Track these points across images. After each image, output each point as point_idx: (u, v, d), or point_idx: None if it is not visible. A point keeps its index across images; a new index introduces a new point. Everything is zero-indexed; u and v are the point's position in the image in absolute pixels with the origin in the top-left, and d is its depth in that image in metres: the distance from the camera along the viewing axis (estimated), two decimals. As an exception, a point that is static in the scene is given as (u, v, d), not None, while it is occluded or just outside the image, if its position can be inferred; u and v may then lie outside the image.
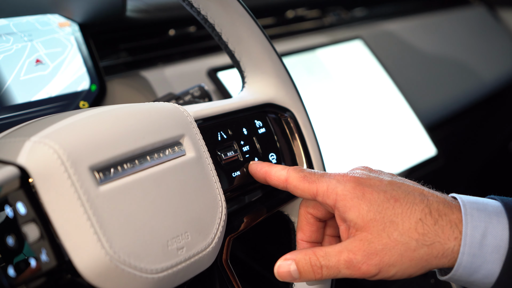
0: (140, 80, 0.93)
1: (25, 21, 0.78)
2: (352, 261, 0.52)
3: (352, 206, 0.53)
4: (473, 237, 0.52)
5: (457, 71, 1.54)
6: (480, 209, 0.53)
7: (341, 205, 0.53)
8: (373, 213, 0.52)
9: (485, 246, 0.52)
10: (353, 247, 0.52)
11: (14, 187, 0.45)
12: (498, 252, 0.51)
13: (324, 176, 0.55)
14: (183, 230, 0.51)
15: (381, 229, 0.52)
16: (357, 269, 0.52)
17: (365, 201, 0.52)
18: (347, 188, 0.53)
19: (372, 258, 0.52)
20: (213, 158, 0.58)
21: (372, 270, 0.52)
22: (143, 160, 0.50)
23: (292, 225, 0.66)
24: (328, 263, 0.53)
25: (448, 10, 1.70)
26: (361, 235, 0.52)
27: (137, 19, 1.00)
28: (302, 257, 0.54)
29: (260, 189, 0.65)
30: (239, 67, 0.67)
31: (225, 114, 0.62)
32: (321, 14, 1.38)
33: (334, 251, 0.53)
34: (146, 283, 0.48)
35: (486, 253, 0.51)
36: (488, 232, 0.52)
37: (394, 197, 0.53)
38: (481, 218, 0.52)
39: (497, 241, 0.51)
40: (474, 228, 0.52)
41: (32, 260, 0.44)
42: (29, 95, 0.75)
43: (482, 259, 0.52)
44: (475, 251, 0.52)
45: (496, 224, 0.52)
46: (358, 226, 0.52)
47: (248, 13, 0.64)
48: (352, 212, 0.53)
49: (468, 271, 0.52)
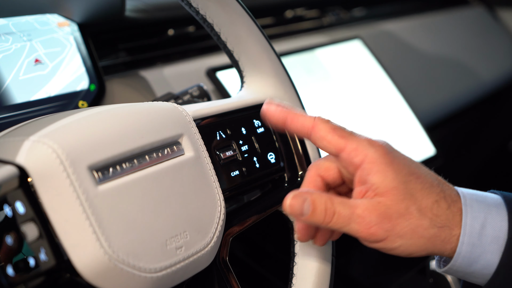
0: (139, 80, 0.93)
1: (24, 21, 0.78)
2: (365, 218, 0.51)
3: (379, 170, 0.52)
4: (473, 227, 0.52)
5: (456, 71, 1.54)
6: (480, 200, 0.53)
7: (368, 167, 0.52)
8: (397, 182, 0.52)
9: (484, 236, 0.52)
10: (369, 206, 0.51)
11: (13, 187, 0.45)
12: (497, 243, 0.52)
13: (354, 134, 0.54)
14: (182, 229, 0.51)
15: (401, 199, 0.51)
16: (367, 228, 0.51)
17: (392, 168, 0.52)
18: (378, 152, 0.53)
19: (385, 222, 0.51)
20: (211, 158, 0.58)
21: (381, 234, 0.51)
22: (142, 160, 0.51)
23: (291, 224, 0.66)
24: (342, 211, 0.51)
25: (447, 10, 1.70)
26: (379, 199, 0.52)
27: (136, 19, 1.00)
28: (318, 197, 0.52)
29: (259, 189, 0.65)
30: (237, 67, 0.67)
31: (224, 113, 0.62)
32: (320, 14, 1.38)
33: (350, 203, 0.52)
34: (145, 282, 0.48)
35: (485, 243, 0.52)
36: (488, 223, 0.52)
37: (417, 173, 0.53)
38: (480, 209, 0.53)
39: (496, 231, 0.52)
40: (474, 218, 0.52)
41: (31, 259, 0.44)
42: (28, 94, 0.75)
43: (481, 249, 0.52)
44: (474, 241, 0.52)
45: (495, 215, 0.53)
46: (379, 191, 0.52)
47: (247, 13, 0.64)
48: (377, 176, 0.52)
49: (467, 261, 0.53)
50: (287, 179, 0.66)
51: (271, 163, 0.64)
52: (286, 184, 0.66)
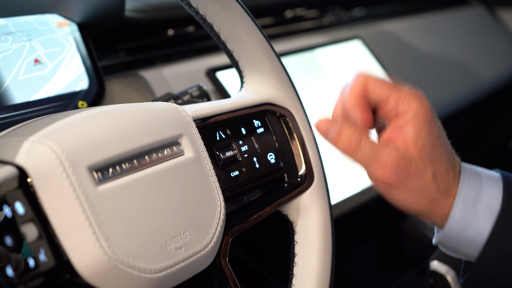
0: (139, 80, 0.93)
1: (24, 21, 0.78)
2: (387, 167, 0.54)
3: (418, 124, 0.54)
4: (468, 194, 0.55)
5: (456, 71, 1.54)
6: (479, 172, 0.57)
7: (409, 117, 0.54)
8: (428, 141, 0.54)
9: (478, 204, 0.54)
10: (394, 157, 0.54)
11: (12, 187, 0.45)
12: (490, 212, 0.54)
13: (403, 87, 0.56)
14: (182, 229, 0.51)
15: (423, 158, 0.54)
16: (383, 174, 0.54)
17: (429, 127, 0.55)
18: (423, 107, 0.55)
19: (401, 175, 0.54)
20: (211, 158, 0.58)
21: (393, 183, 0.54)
22: (142, 160, 0.50)
23: (291, 224, 0.66)
24: (366, 150, 0.54)
25: (447, 10, 1.70)
26: (406, 151, 0.54)
27: (136, 19, 1.00)
28: (347, 128, 0.55)
29: (259, 189, 0.65)
30: (237, 67, 0.67)
31: (223, 113, 0.62)
32: (320, 14, 1.38)
33: (377, 148, 0.54)
34: (144, 283, 0.48)
35: (479, 210, 0.54)
36: (483, 192, 0.55)
37: (442, 139, 0.56)
38: (478, 179, 0.56)
39: (491, 201, 0.54)
40: (470, 185, 0.55)
41: (30, 260, 0.44)
42: (28, 95, 0.75)
43: (474, 215, 0.54)
44: (468, 207, 0.54)
45: (491, 186, 0.55)
46: (410, 144, 0.54)
47: (247, 13, 0.64)
48: (414, 130, 0.54)
49: (460, 227, 0.55)
50: (287, 179, 0.66)
51: (271, 163, 0.64)
52: (286, 184, 0.66)
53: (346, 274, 1.16)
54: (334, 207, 0.93)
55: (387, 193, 0.56)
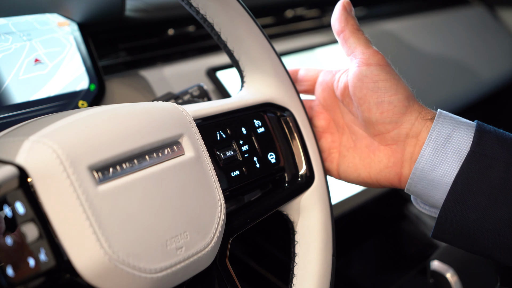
0: (139, 80, 0.93)
1: (24, 21, 0.78)
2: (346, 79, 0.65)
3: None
4: (439, 134, 0.57)
5: (456, 71, 1.54)
6: (454, 118, 0.59)
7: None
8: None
9: (448, 144, 0.57)
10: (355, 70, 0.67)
11: (12, 187, 0.45)
12: (459, 153, 0.56)
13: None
14: (182, 229, 0.51)
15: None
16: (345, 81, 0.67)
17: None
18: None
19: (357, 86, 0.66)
20: (212, 158, 0.58)
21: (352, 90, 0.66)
22: (142, 160, 0.50)
23: (292, 224, 0.66)
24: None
25: (447, 10, 1.70)
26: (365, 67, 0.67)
27: (136, 19, 1.00)
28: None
29: (259, 189, 0.65)
30: (238, 67, 0.67)
31: (224, 113, 0.62)
32: (321, 13, 1.38)
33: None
34: (145, 283, 0.48)
35: (448, 151, 0.57)
36: (454, 135, 0.57)
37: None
38: (451, 122, 0.58)
39: (461, 143, 0.57)
40: (443, 127, 0.58)
41: (31, 260, 0.44)
42: (28, 94, 0.75)
43: (444, 155, 0.57)
44: (438, 146, 0.57)
45: (464, 129, 0.58)
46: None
47: (247, 12, 0.64)
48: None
49: (430, 166, 0.57)
50: (287, 179, 0.66)
51: (271, 163, 0.64)
52: (287, 184, 0.66)
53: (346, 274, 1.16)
54: (334, 207, 0.93)
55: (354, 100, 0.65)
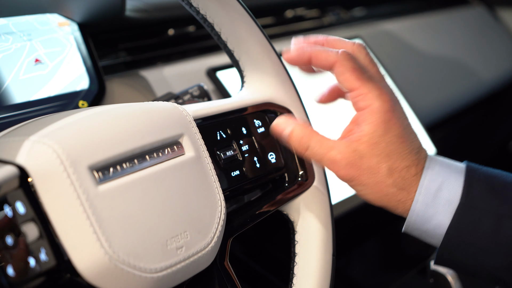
0: (139, 80, 0.93)
1: (24, 21, 0.78)
2: (336, 162, 0.57)
3: (373, 122, 0.56)
4: (429, 188, 0.57)
5: (456, 71, 1.54)
6: (443, 165, 0.58)
7: (366, 115, 0.57)
8: (382, 139, 0.57)
9: (438, 198, 0.56)
10: (344, 151, 0.57)
11: (13, 187, 0.45)
12: (449, 206, 0.56)
13: (371, 80, 0.58)
14: (182, 229, 0.51)
15: (376, 154, 0.56)
16: (336, 169, 0.58)
17: (385, 126, 0.56)
18: (382, 106, 0.57)
19: (353, 170, 0.57)
20: (212, 158, 0.58)
21: (346, 178, 0.58)
22: (142, 160, 0.50)
23: (292, 224, 0.66)
24: (316, 149, 0.58)
25: (447, 10, 1.70)
26: (358, 146, 0.56)
27: (136, 19, 1.00)
28: (299, 129, 0.59)
29: (259, 189, 0.65)
30: (238, 67, 0.67)
31: (224, 113, 0.62)
32: (321, 13, 1.38)
33: (327, 144, 0.58)
34: (145, 283, 0.48)
35: (439, 204, 0.56)
36: (444, 186, 0.57)
37: (404, 137, 0.57)
38: (440, 173, 0.57)
39: (451, 195, 0.56)
40: (431, 180, 0.57)
41: (31, 259, 0.44)
42: (28, 94, 0.75)
43: (434, 209, 0.56)
44: (428, 201, 0.56)
45: (453, 180, 0.57)
46: (363, 139, 0.56)
47: (247, 13, 0.64)
48: (369, 127, 0.57)
49: (421, 219, 0.57)
50: (287, 179, 0.66)
51: (271, 163, 0.64)
52: (287, 184, 0.66)
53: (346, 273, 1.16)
54: (334, 207, 0.93)
55: (350, 185, 0.59)
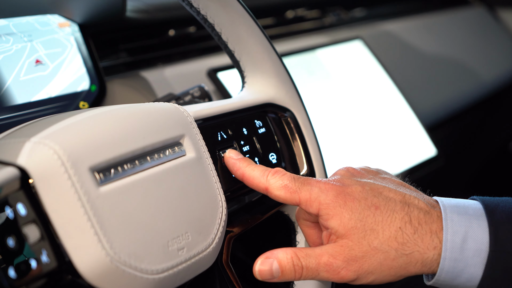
0: (140, 81, 0.93)
1: (25, 22, 0.78)
2: (332, 265, 0.53)
3: (334, 214, 0.53)
4: (454, 242, 0.52)
5: (457, 71, 1.54)
6: (461, 213, 0.53)
7: (324, 213, 0.54)
8: (354, 221, 0.53)
9: (466, 250, 0.52)
10: (334, 252, 0.53)
11: (14, 188, 0.44)
12: (479, 256, 0.52)
13: (305, 183, 0.55)
14: (184, 230, 0.51)
15: (361, 237, 0.53)
16: (336, 273, 0.53)
17: (346, 209, 0.53)
18: (329, 197, 0.54)
19: (351, 264, 0.52)
20: (213, 158, 0.58)
21: (351, 275, 0.53)
22: (144, 161, 0.50)
23: (292, 225, 0.66)
24: (308, 264, 0.53)
25: (447, 10, 1.70)
26: (342, 242, 0.53)
27: (137, 20, 1.00)
28: (284, 256, 0.54)
29: (261, 190, 0.65)
30: (239, 67, 0.67)
31: (225, 114, 0.62)
32: (321, 14, 1.38)
33: (315, 253, 0.53)
34: (146, 284, 0.48)
35: (468, 257, 0.52)
36: (469, 236, 0.52)
37: (375, 204, 0.54)
38: (461, 222, 0.53)
39: (478, 244, 0.52)
40: (455, 233, 0.52)
41: (32, 261, 0.44)
42: (29, 95, 0.75)
43: (464, 263, 0.52)
44: (456, 255, 0.52)
45: (476, 228, 0.52)
46: (340, 233, 0.53)
47: (248, 13, 0.64)
48: (334, 220, 0.53)
49: (451, 276, 0.53)
50: (288, 179, 0.66)
51: (272, 163, 0.64)
52: (288, 185, 0.66)
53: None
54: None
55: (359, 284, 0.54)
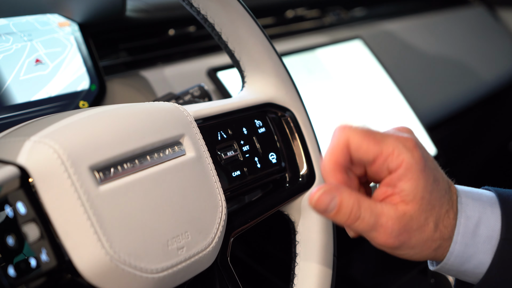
0: (140, 80, 0.93)
1: (25, 21, 0.78)
2: (388, 229, 0.50)
3: (412, 177, 0.50)
4: (467, 227, 0.52)
5: (457, 71, 1.54)
6: (475, 198, 0.53)
7: (402, 173, 0.50)
8: (425, 191, 0.50)
9: (477, 236, 0.52)
10: (395, 216, 0.50)
11: (14, 187, 0.45)
12: (490, 243, 0.52)
13: (388, 136, 0.51)
14: (183, 229, 0.51)
15: (424, 210, 0.50)
16: (385, 238, 0.50)
17: (424, 176, 0.50)
18: (414, 157, 0.50)
19: (404, 234, 0.50)
20: (213, 158, 0.58)
21: (396, 244, 0.51)
22: (143, 160, 0.50)
23: (292, 224, 0.66)
24: (366, 217, 0.50)
25: (447, 10, 1.70)
26: (405, 208, 0.50)
27: (136, 19, 1.00)
28: (347, 198, 0.50)
29: (260, 189, 0.65)
30: (239, 67, 0.67)
31: (225, 113, 0.62)
32: (321, 13, 1.38)
33: (377, 210, 0.50)
34: (146, 283, 0.48)
35: (478, 243, 0.52)
36: (481, 222, 0.52)
37: (438, 179, 0.52)
38: (475, 208, 0.52)
39: (490, 231, 0.52)
40: (468, 218, 0.52)
41: (32, 260, 0.44)
42: (29, 95, 0.75)
43: (474, 248, 0.52)
44: (467, 240, 0.52)
45: (489, 214, 0.52)
46: (409, 198, 0.50)
47: (248, 13, 0.64)
48: (410, 183, 0.50)
49: (460, 261, 0.53)
50: (288, 179, 0.66)
51: (272, 163, 0.64)
52: (288, 184, 0.66)
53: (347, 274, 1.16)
54: (335, 207, 0.93)
55: (390, 252, 0.53)
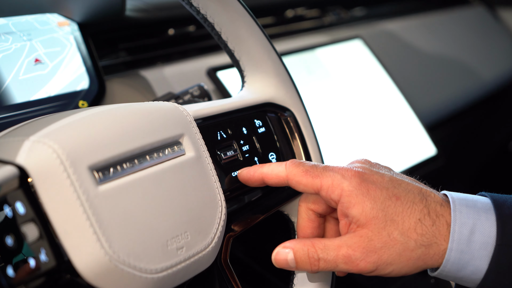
0: (140, 80, 0.93)
1: (24, 21, 0.78)
2: (351, 257, 0.52)
3: (356, 202, 0.52)
4: (461, 234, 0.52)
5: (457, 70, 1.54)
6: (469, 205, 0.53)
7: (346, 201, 0.53)
8: (376, 210, 0.52)
9: (473, 242, 0.52)
10: (352, 243, 0.52)
11: (13, 187, 0.44)
12: (485, 249, 0.52)
13: (327, 169, 0.55)
14: (183, 229, 0.51)
15: (382, 227, 0.52)
16: (355, 265, 0.52)
17: (369, 198, 0.52)
18: (352, 184, 0.53)
19: (370, 255, 0.52)
20: (212, 158, 0.58)
21: (370, 267, 0.52)
22: (143, 160, 0.50)
23: (292, 224, 0.66)
24: (326, 256, 0.53)
25: (447, 10, 1.70)
26: (361, 232, 0.52)
27: (136, 19, 1.00)
28: (300, 248, 0.54)
29: (260, 189, 0.65)
30: (238, 67, 0.67)
31: (224, 113, 0.62)
32: (321, 13, 1.38)
33: (333, 245, 0.53)
34: (145, 283, 0.48)
35: (474, 249, 0.52)
36: (476, 229, 0.52)
37: (396, 195, 0.53)
38: (469, 215, 0.53)
39: (485, 237, 0.52)
40: (462, 224, 0.52)
41: (31, 260, 0.44)
42: (28, 94, 0.75)
43: (470, 255, 0.52)
44: (463, 247, 0.52)
45: (484, 220, 0.52)
46: (360, 222, 0.52)
47: (248, 12, 0.64)
48: (356, 208, 0.52)
49: (456, 267, 0.53)
50: (288, 179, 0.66)
51: (272, 163, 0.64)
52: (287, 184, 0.66)
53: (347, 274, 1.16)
54: (335, 207, 0.93)
55: (377, 275, 0.54)
